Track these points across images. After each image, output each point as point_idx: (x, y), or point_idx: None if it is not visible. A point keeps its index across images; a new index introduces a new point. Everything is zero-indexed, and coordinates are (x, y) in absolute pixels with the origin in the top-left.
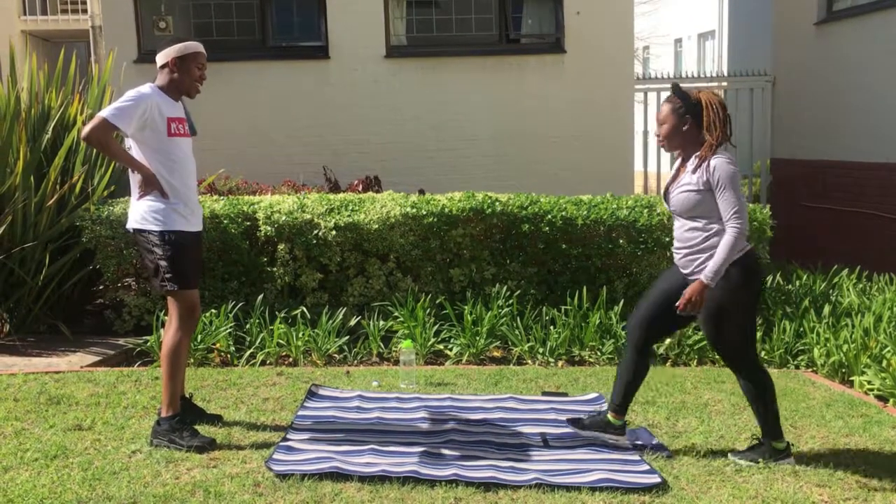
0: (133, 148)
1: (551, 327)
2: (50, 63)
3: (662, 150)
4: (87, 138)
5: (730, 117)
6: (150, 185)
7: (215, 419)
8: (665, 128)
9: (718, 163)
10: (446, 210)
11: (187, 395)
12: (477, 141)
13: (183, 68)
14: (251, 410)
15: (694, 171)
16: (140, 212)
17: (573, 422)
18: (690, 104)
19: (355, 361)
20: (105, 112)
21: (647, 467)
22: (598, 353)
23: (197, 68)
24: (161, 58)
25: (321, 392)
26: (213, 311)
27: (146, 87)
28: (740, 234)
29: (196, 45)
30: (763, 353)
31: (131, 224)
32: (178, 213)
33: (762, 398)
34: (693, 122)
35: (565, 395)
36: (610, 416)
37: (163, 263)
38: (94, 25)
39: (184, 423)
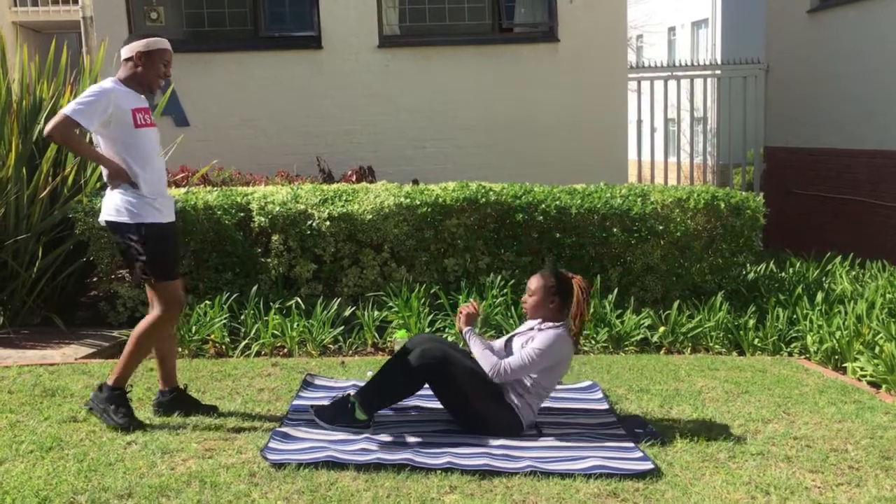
0: (100, 144)
1: None
2: (41, 54)
3: (656, 139)
4: (50, 135)
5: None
6: (119, 177)
7: (210, 410)
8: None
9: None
10: (440, 200)
11: (181, 387)
12: (470, 130)
13: (147, 63)
14: (246, 401)
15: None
16: (114, 204)
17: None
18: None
19: (350, 352)
20: (66, 109)
21: (640, 454)
22: (593, 342)
23: (162, 64)
24: (126, 51)
25: (316, 382)
26: (207, 302)
27: (107, 82)
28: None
29: (162, 42)
30: (756, 340)
31: (104, 216)
32: (151, 206)
33: None
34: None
35: (560, 382)
36: None
37: (140, 257)
38: (86, 16)
39: (124, 399)
